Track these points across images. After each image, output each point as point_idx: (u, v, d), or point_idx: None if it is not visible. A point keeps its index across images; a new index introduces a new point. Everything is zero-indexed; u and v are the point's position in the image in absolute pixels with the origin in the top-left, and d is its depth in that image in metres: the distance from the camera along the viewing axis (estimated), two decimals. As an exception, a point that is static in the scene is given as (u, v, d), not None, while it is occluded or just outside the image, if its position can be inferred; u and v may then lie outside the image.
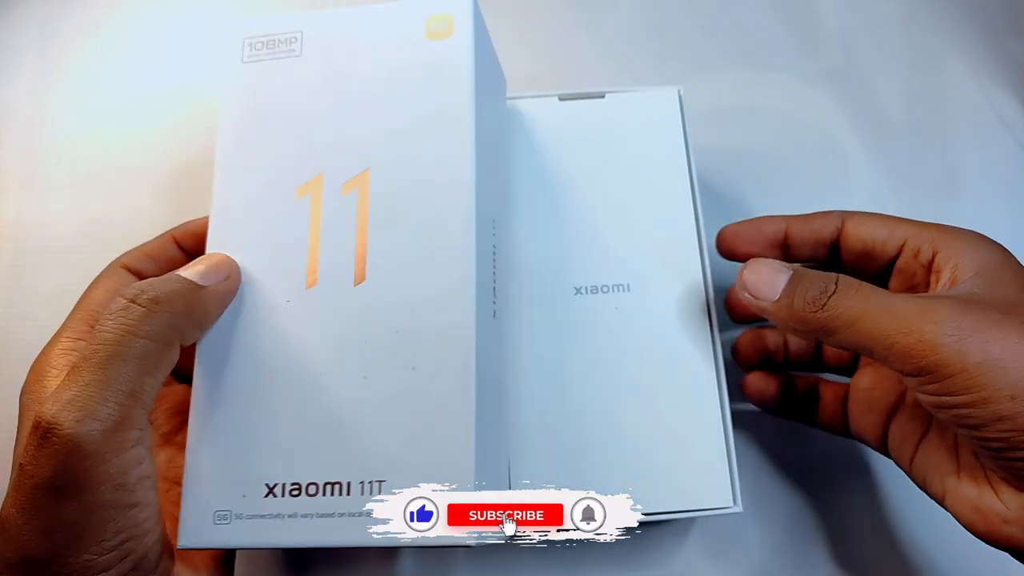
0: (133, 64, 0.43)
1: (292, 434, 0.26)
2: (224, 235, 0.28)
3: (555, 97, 0.35)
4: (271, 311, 0.27)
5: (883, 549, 0.36)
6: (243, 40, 0.30)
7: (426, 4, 0.29)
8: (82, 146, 0.41)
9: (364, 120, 0.28)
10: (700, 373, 0.31)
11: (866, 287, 0.27)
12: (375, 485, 0.25)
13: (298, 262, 0.27)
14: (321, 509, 0.25)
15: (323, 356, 0.26)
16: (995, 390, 0.23)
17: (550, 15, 0.45)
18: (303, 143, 0.29)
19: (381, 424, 0.25)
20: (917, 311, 0.25)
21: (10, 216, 0.40)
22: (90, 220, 0.40)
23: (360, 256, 0.27)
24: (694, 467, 0.30)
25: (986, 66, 0.45)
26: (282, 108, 0.29)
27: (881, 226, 0.30)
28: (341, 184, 0.28)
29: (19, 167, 0.40)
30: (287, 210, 0.28)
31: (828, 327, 0.27)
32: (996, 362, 0.23)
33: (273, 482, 0.25)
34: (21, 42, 0.43)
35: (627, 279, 0.32)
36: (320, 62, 0.29)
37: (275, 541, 0.25)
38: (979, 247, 0.28)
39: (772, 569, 0.36)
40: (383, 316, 0.26)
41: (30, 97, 0.42)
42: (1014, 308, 0.25)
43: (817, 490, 0.36)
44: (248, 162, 0.29)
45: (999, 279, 0.26)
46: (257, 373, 0.26)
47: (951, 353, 0.24)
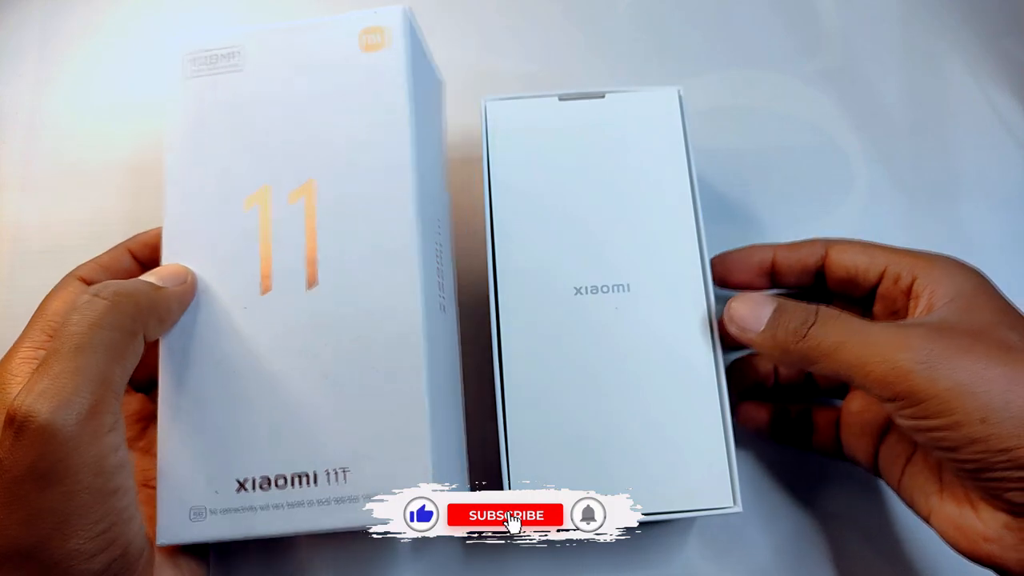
0: (133, 64, 0.43)
1: (259, 432, 0.27)
2: (178, 246, 0.29)
3: (555, 97, 0.35)
4: (229, 317, 0.28)
5: (883, 550, 0.36)
6: (184, 56, 0.31)
7: (360, 17, 0.30)
8: (82, 146, 0.41)
9: (307, 132, 0.30)
10: (700, 373, 0.31)
11: (844, 317, 0.28)
12: (340, 473, 0.27)
13: (251, 270, 0.29)
14: (291, 499, 0.26)
15: (283, 358, 0.28)
16: (965, 414, 0.25)
17: (549, 15, 0.45)
18: (249, 155, 0.30)
19: (343, 419, 0.27)
20: (891, 340, 0.26)
21: (10, 216, 0.40)
22: (90, 220, 0.40)
23: (311, 261, 0.29)
24: (694, 467, 0.30)
25: (986, 66, 0.45)
26: (225, 122, 0.30)
27: (862, 254, 0.32)
28: (287, 193, 0.29)
29: (19, 167, 0.41)
30: (237, 220, 0.29)
31: (809, 356, 0.28)
32: (965, 387, 0.25)
33: (244, 477, 0.27)
34: (21, 42, 0.43)
35: (627, 279, 0.32)
36: (260, 76, 0.30)
37: (249, 532, 0.26)
38: (955, 274, 0.29)
39: (772, 570, 0.36)
40: (338, 318, 0.28)
41: (30, 97, 0.42)
42: (985, 333, 0.26)
43: (816, 490, 0.36)
44: (196, 175, 0.30)
45: (973, 304, 0.28)
46: (222, 376, 0.28)
47: (922, 380, 0.25)
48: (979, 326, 0.27)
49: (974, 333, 0.26)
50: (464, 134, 0.42)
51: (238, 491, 0.27)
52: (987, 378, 0.25)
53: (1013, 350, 0.26)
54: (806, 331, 0.28)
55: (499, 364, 0.31)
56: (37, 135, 0.41)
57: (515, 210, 0.34)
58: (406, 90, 0.30)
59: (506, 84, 0.43)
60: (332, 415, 0.27)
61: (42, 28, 0.43)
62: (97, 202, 0.40)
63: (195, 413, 0.28)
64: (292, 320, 0.28)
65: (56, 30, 0.43)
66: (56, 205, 0.40)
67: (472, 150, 0.42)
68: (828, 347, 0.28)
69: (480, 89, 0.43)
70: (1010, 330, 0.26)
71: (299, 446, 0.27)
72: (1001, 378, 0.25)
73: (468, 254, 0.40)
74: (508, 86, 0.43)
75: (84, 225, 0.40)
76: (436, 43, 0.44)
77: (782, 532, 0.36)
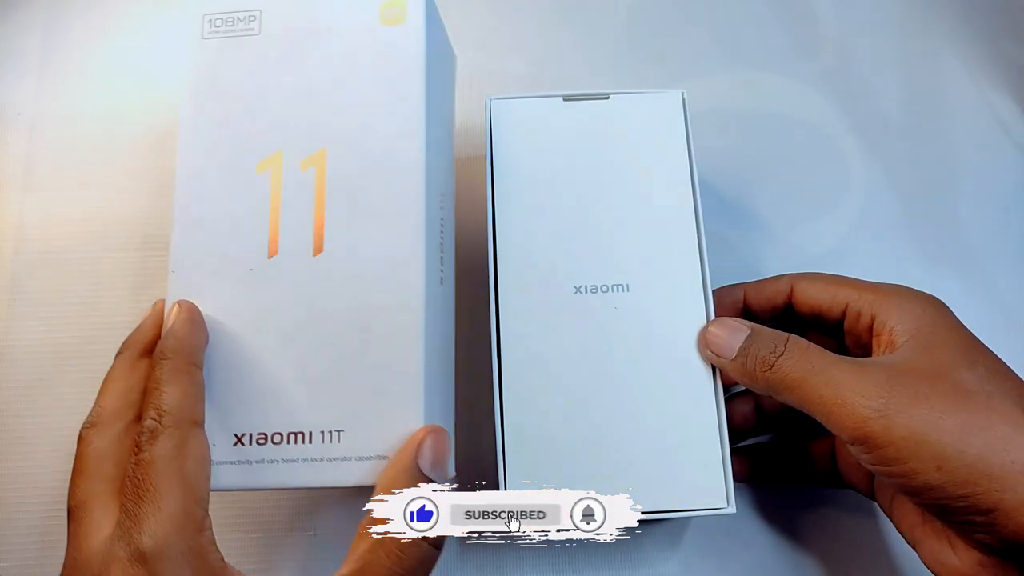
0: (135, 65, 0.43)
1: (259, 391, 0.28)
2: (188, 204, 0.30)
3: (559, 97, 0.36)
4: (236, 279, 0.29)
5: (876, 550, 0.36)
6: (203, 16, 0.31)
7: None
8: (84, 147, 0.41)
9: (321, 100, 0.30)
10: (697, 374, 0.31)
11: (812, 350, 0.28)
12: (335, 434, 0.28)
13: (260, 234, 0.29)
14: (285, 455, 0.28)
15: (285, 320, 0.28)
16: (921, 462, 0.25)
17: (550, 17, 0.45)
18: (262, 120, 0.30)
19: (340, 380, 0.28)
20: (851, 383, 0.27)
21: (12, 217, 0.40)
22: (92, 221, 0.40)
23: (318, 229, 0.29)
24: (689, 467, 0.30)
25: (983, 67, 0.45)
26: (241, 85, 0.30)
27: (824, 291, 0.32)
28: (299, 161, 0.30)
29: (21, 168, 0.41)
30: (248, 183, 0.30)
31: (775, 388, 0.29)
32: (920, 436, 0.25)
33: (241, 432, 0.28)
34: (24, 44, 0.43)
35: (626, 279, 0.32)
36: (278, 42, 0.31)
37: (243, 483, 0.27)
38: (915, 309, 0.29)
39: (767, 570, 0.36)
40: (341, 284, 0.29)
41: (32, 98, 0.42)
42: (942, 376, 0.26)
43: (810, 490, 0.37)
44: (210, 137, 0.30)
45: (932, 342, 0.28)
46: (224, 336, 0.29)
47: (878, 427, 0.25)
48: (936, 367, 0.27)
49: (931, 376, 0.26)
50: (467, 132, 0.42)
51: (235, 445, 0.28)
52: (941, 427, 0.25)
53: (969, 394, 0.26)
54: (774, 360, 0.29)
55: (498, 362, 0.31)
56: (39, 135, 0.41)
57: (517, 208, 0.34)
58: (422, 66, 0.30)
59: (506, 85, 0.43)
60: (330, 378, 0.28)
61: (45, 29, 0.43)
62: (97, 202, 0.40)
63: None
64: (296, 285, 0.29)
65: (59, 31, 0.43)
66: (57, 205, 0.40)
67: (475, 148, 0.42)
68: (793, 380, 0.28)
69: (482, 90, 0.43)
70: (968, 370, 0.27)
71: (296, 406, 0.28)
72: (955, 427, 0.25)
73: (469, 252, 0.40)
74: (508, 87, 0.43)
75: (84, 225, 0.40)
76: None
77: (776, 533, 0.36)
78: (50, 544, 0.35)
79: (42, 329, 0.38)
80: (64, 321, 0.38)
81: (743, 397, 0.36)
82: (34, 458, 0.36)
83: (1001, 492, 0.24)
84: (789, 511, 0.36)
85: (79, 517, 0.25)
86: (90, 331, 0.38)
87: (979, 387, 0.26)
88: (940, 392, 0.26)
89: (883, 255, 0.41)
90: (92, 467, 0.26)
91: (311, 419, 0.28)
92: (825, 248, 0.41)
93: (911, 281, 0.32)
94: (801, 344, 0.29)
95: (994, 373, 0.27)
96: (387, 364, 0.28)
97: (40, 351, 0.38)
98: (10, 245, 0.39)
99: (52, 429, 0.37)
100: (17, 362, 0.38)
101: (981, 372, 0.27)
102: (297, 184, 0.29)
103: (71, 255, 0.39)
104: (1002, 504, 0.24)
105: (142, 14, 0.44)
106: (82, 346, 0.38)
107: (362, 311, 0.28)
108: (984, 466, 0.24)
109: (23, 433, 0.37)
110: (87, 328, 0.38)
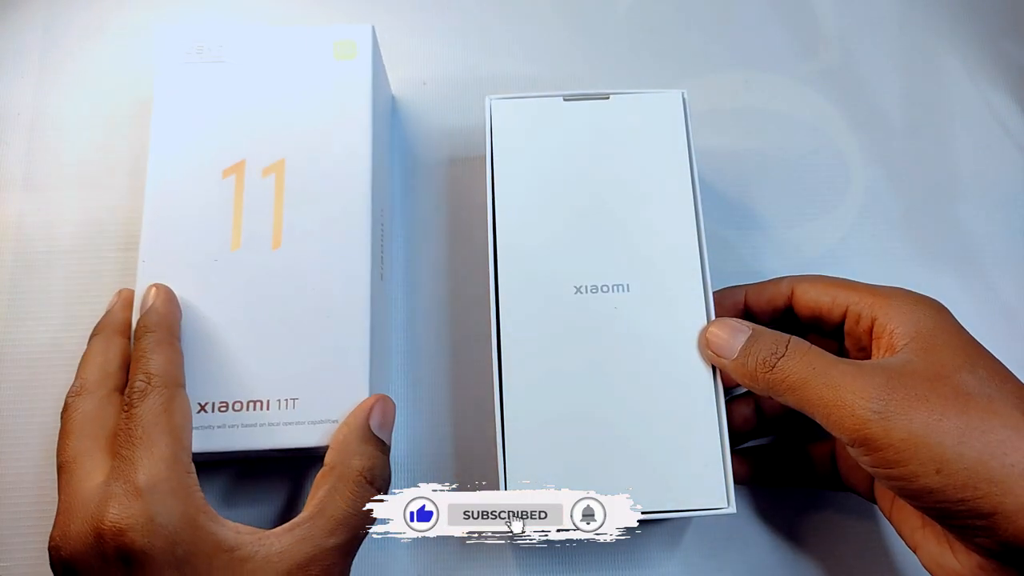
0: (135, 65, 0.43)
1: (221, 365, 0.31)
2: (158, 206, 0.33)
3: (560, 97, 0.36)
4: (201, 267, 0.33)
5: (877, 552, 0.36)
6: (173, 45, 0.36)
7: (334, 30, 0.36)
8: (84, 147, 0.41)
9: (281, 119, 0.35)
10: (697, 374, 0.31)
11: (813, 352, 0.28)
12: (290, 402, 0.31)
13: (224, 229, 0.33)
14: (246, 421, 0.31)
15: (246, 303, 0.32)
16: (920, 464, 0.25)
17: (550, 17, 0.45)
18: (228, 133, 0.34)
19: (294, 356, 0.32)
20: (851, 384, 0.27)
21: (12, 216, 0.40)
22: (92, 221, 0.40)
23: (277, 227, 0.33)
24: (690, 467, 0.30)
25: (983, 67, 0.45)
26: (208, 104, 0.35)
27: (824, 294, 0.32)
28: (261, 168, 0.34)
29: (22, 167, 0.41)
30: (214, 186, 0.34)
31: (776, 389, 0.29)
32: (919, 439, 0.25)
33: (205, 401, 0.31)
34: (24, 43, 0.43)
35: (627, 279, 0.32)
36: (243, 70, 0.36)
37: (207, 447, 0.30)
38: (915, 312, 0.29)
39: (767, 570, 0.36)
40: (296, 274, 0.33)
41: (32, 97, 0.42)
42: (942, 379, 0.26)
43: (811, 492, 0.36)
44: (179, 146, 0.34)
45: (932, 345, 0.28)
46: (190, 317, 0.32)
47: (878, 430, 0.26)
48: (937, 370, 0.27)
49: (931, 379, 0.26)
50: (467, 133, 0.42)
51: (198, 412, 0.31)
52: (941, 429, 0.25)
53: (969, 397, 0.26)
54: (775, 362, 0.29)
55: (498, 362, 0.31)
56: (40, 135, 0.41)
57: (517, 208, 0.34)
58: (369, 94, 0.35)
59: (506, 85, 0.43)
60: (286, 353, 0.32)
61: (45, 29, 0.43)
62: (97, 202, 0.40)
63: None
64: (257, 273, 0.33)
65: (59, 31, 0.43)
66: (57, 205, 0.40)
67: (475, 149, 0.42)
68: (794, 382, 0.28)
69: (482, 90, 0.43)
70: (969, 373, 0.26)
71: (255, 378, 0.31)
72: (955, 429, 0.25)
73: (470, 251, 0.40)
74: (508, 87, 0.43)
75: (84, 225, 0.40)
76: (437, 44, 0.44)
77: (776, 534, 0.36)
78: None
79: (42, 329, 0.38)
80: (64, 321, 0.38)
81: (743, 399, 0.36)
82: (34, 458, 0.36)
83: (1001, 496, 0.24)
84: (789, 512, 0.36)
85: (71, 470, 0.28)
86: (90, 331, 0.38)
87: (979, 390, 0.26)
88: (940, 395, 0.26)
89: (883, 255, 0.41)
90: (79, 428, 0.29)
91: (268, 389, 0.31)
92: (825, 248, 0.41)
93: (911, 281, 0.32)
94: (802, 346, 0.29)
95: (994, 376, 0.27)
96: (337, 341, 0.32)
97: (40, 351, 0.38)
98: (10, 245, 0.39)
99: (52, 429, 0.36)
100: (17, 362, 0.38)
101: (981, 375, 0.27)
102: (259, 188, 0.34)
103: (71, 255, 0.39)
104: (1002, 508, 0.24)
105: (141, 14, 0.44)
106: (82, 346, 0.37)
107: (315, 297, 0.32)
108: (984, 470, 0.24)
109: (23, 433, 0.37)
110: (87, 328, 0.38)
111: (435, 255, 0.40)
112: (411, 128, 0.43)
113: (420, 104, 0.43)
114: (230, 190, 0.34)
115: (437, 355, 0.38)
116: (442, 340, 0.39)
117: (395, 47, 0.42)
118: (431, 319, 0.39)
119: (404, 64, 0.43)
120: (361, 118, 0.35)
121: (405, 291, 0.39)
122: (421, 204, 0.41)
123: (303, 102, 0.35)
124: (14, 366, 0.37)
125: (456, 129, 0.42)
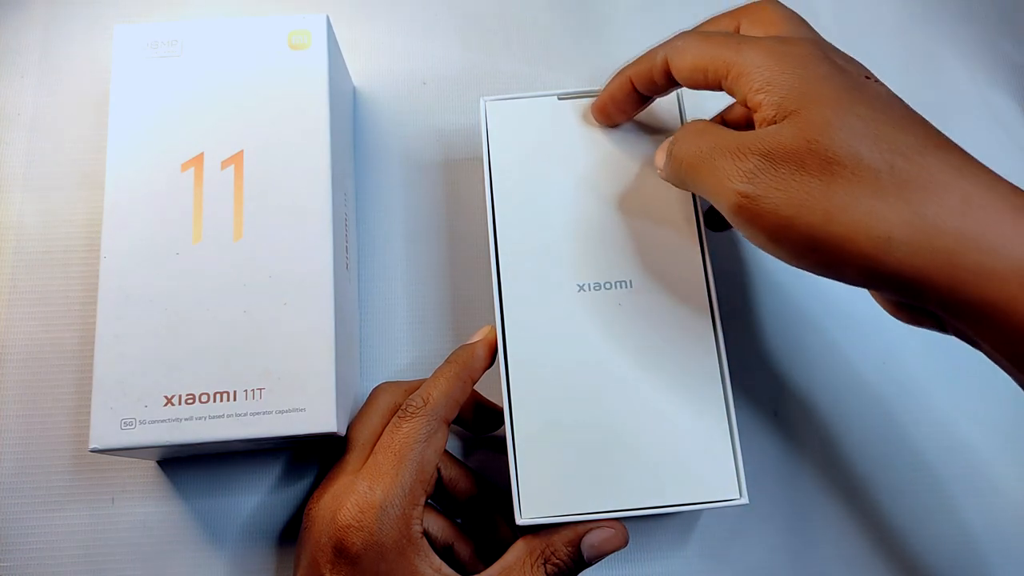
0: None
1: (187, 358, 0.31)
2: (117, 201, 0.33)
3: (554, 96, 0.36)
4: (164, 261, 0.33)
5: (885, 547, 0.36)
6: (130, 42, 0.36)
7: (289, 20, 0.36)
8: (84, 147, 0.41)
9: (238, 111, 0.35)
10: (704, 368, 0.31)
11: (703, 134, 0.28)
12: (256, 392, 0.31)
13: (184, 222, 0.33)
14: (212, 412, 0.31)
15: (210, 295, 0.32)
16: (794, 245, 0.26)
17: (547, 16, 0.45)
18: (186, 126, 0.34)
19: (260, 347, 0.32)
20: (728, 168, 0.26)
21: (12, 217, 0.40)
22: (92, 221, 0.40)
23: (238, 218, 0.33)
24: (700, 460, 0.30)
25: (983, 68, 0.45)
26: (165, 99, 0.35)
27: (693, 62, 0.29)
28: (220, 161, 0.34)
29: (21, 168, 0.40)
30: (173, 179, 0.34)
31: (681, 179, 0.29)
32: (789, 220, 0.25)
33: (171, 393, 0.31)
34: (24, 42, 0.43)
35: (629, 276, 0.32)
36: (198, 63, 0.35)
37: (174, 439, 0.31)
38: (782, 71, 0.27)
39: (774, 566, 0.36)
40: (259, 265, 0.33)
41: (32, 97, 0.42)
42: (809, 149, 0.25)
43: (819, 487, 0.36)
44: (137, 142, 0.34)
45: (800, 105, 0.26)
46: (155, 310, 0.32)
47: (750, 215, 0.26)
48: (805, 137, 0.25)
49: (799, 151, 0.25)
50: (464, 133, 0.42)
51: (165, 405, 0.31)
52: (808, 209, 0.25)
53: (835, 166, 0.25)
54: (670, 149, 0.29)
55: (504, 360, 0.31)
56: (39, 135, 0.41)
57: (517, 208, 0.34)
58: (325, 84, 0.35)
59: (504, 84, 0.43)
60: (251, 343, 0.32)
61: (44, 29, 0.43)
62: (97, 202, 0.40)
63: (129, 341, 0.31)
64: (219, 265, 0.33)
65: (58, 31, 0.43)
66: (57, 205, 0.40)
67: (475, 149, 0.42)
68: (687, 168, 0.28)
69: (478, 90, 0.43)
70: (839, 128, 0.25)
71: (222, 369, 0.31)
72: (820, 210, 0.25)
73: (470, 251, 0.40)
74: (506, 86, 0.43)
75: (84, 225, 0.40)
76: (435, 44, 0.44)
77: (784, 529, 0.36)
78: (51, 544, 0.35)
79: (42, 329, 0.38)
80: (64, 321, 0.38)
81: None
82: (33, 458, 0.36)
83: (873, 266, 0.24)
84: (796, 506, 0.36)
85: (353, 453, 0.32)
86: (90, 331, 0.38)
87: (847, 150, 0.25)
88: (807, 168, 0.25)
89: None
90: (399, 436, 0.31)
91: (235, 380, 0.31)
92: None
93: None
94: (693, 127, 0.29)
95: (872, 117, 0.25)
96: (302, 331, 0.32)
97: (40, 351, 0.38)
98: (10, 245, 0.39)
99: (52, 429, 0.36)
100: (17, 362, 0.37)
101: (854, 124, 0.25)
102: (218, 181, 0.34)
103: (71, 255, 0.39)
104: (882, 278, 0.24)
105: (141, 13, 0.44)
106: (82, 346, 0.38)
107: (279, 288, 0.32)
108: (852, 246, 0.24)
109: (23, 433, 0.36)
110: (87, 328, 0.38)
111: (435, 255, 0.40)
112: (412, 128, 0.42)
113: (420, 104, 0.43)
114: (189, 183, 0.33)
115: (442, 357, 0.38)
116: (446, 341, 0.39)
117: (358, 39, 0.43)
118: (432, 319, 0.39)
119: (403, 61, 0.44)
120: (318, 108, 0.35)
121: (406, 292, 0.39)
122: (421, 204, 0.41)
123: (260, 93, 0.35)
124: (14, 366, 0.37)
125: (457, 129, 0.42)
